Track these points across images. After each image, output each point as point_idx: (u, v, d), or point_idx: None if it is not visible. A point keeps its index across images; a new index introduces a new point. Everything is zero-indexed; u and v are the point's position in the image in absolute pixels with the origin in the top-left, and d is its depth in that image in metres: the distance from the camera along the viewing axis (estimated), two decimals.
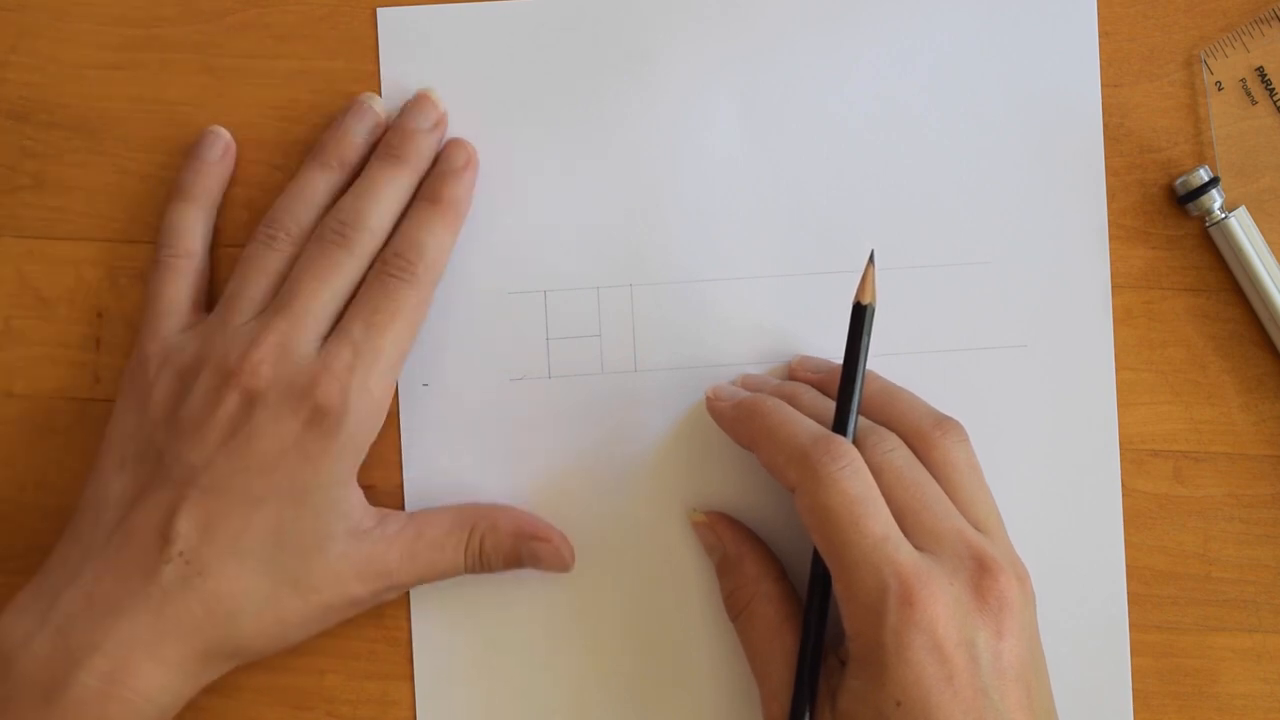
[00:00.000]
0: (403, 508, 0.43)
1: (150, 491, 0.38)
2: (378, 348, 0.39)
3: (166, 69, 0.44)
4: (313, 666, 0.43)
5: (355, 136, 0.42)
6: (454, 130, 0.43)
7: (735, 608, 0.40)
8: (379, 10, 0.43)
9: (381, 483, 0.43)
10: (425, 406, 0.43)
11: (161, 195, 0.44)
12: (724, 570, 0.41)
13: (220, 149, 0.43)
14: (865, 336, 0.38)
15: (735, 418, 0.40)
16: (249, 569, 0.38)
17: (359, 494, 0.41)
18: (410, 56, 0.43)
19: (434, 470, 0.43)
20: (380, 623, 0.43)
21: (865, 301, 0.38)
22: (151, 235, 0.43)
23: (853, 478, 0.35)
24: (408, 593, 0.43)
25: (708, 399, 0.41)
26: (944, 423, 0.38)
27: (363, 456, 0.40)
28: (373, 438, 0.40)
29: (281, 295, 0.40)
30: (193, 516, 0.38)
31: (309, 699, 0.43)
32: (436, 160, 0.42)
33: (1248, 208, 0.42)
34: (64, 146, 0.44)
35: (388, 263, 0.40)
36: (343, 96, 0.43)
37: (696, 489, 0.43)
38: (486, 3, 0.43)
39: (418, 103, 0.42)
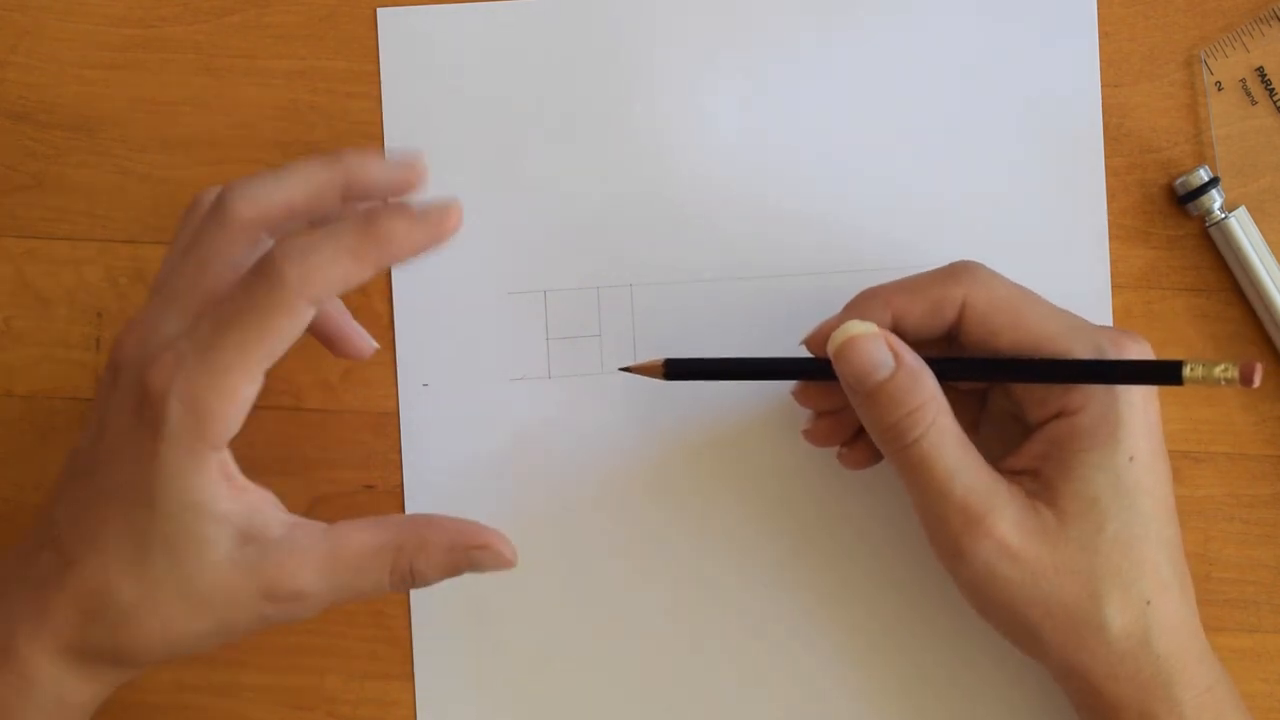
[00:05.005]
0: (402, 508, 0.43)
1: (59, 479, 0.37)
2: (215, 348, 0.34)
3: (166, 69, 0.44)
4: (313, 666, 0.43)
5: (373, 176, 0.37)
6: (454, 129, 0.43)
7: (913, 429, 0.36)
8: (379, 10, 0.43)
9: (381, 483, 0.43)
10: (425, 406, 0.43)
11: (162, 195, 0.43)
12: (894, 391, 0.36)
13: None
14: None
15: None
16: (114, 570, 0.35)
17: (249, 496, 0.36)
18: (410, 56, 0.43)
19: (434, 470, 0.43)
20: (380, 623, 0.43)
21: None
22: (152, 235, 0.43)
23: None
24: (408, 593, 0.43)
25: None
26: None
27: (211, 458, 0.35)
28: (211, 443, 0.34)
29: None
30: (65, 505, 0.36)
31: (309, 699, 0.43)
32: (425, 209, 0.35)
33: (1248, 208, 0.42)
34: (64, 146, 0.44)
35: (263, 259, 0.34)
36: (343, 96, 0.43)
37: (697, 488, 0.43)
38: (486, 3, 0.43)
39: (402, 156, 0.37)
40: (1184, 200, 0.42)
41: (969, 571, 0.36)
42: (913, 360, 0.36)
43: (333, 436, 0.43)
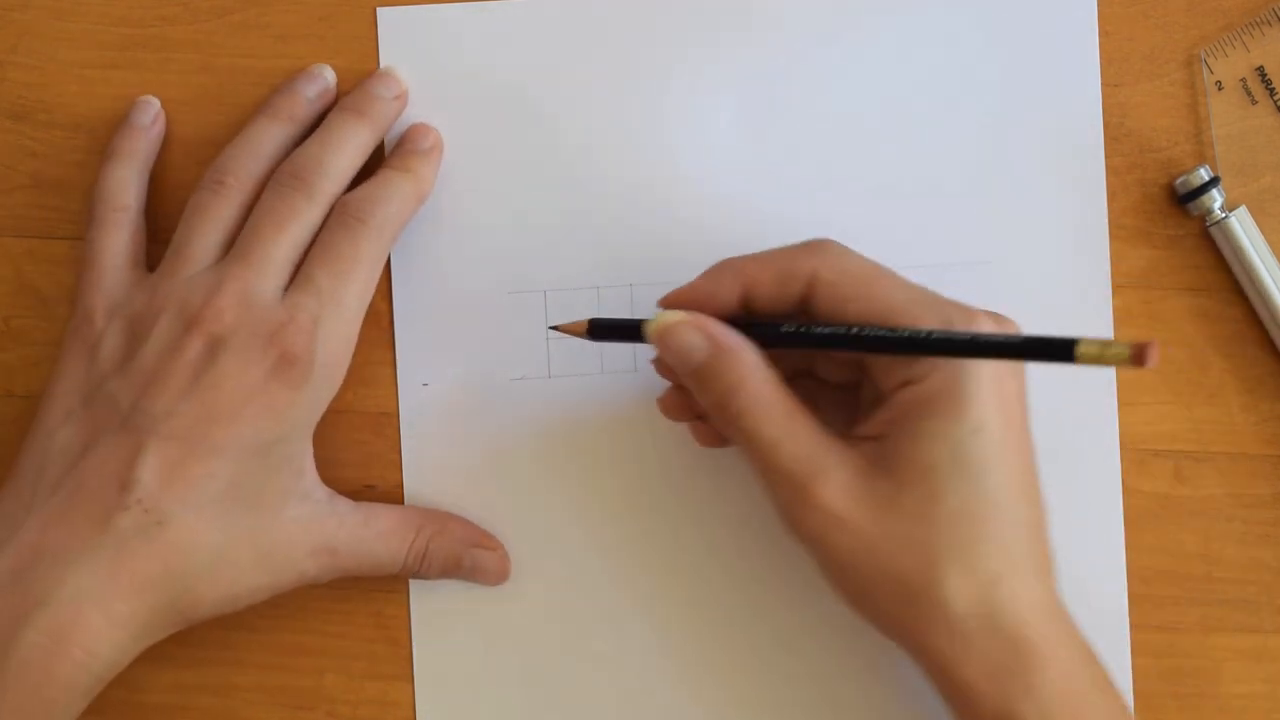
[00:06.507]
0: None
1: (104, 439, 0.37)
2: (342, 299, 0.39)
3: (166, 69, 0.44)
4: (313, 666, 0.43)
5: (305, 94, 0.42)
6: (453, 129, 0.43)
7: (736, 404, 0.36)
8: (379, 10, 0.43)
9: (381, 483, 0.43)
10: (425, 406, 0.43)
11: (161, 195, 0.44)
12: (711, 370, 0.37)
13: (151, 116, 0.43)
14: None
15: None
16: (205, 522, 0.37)
17: (312, 458, 0.40)
18: (410, 56, 0.43)
19: (434, 470, 0.43)
20: (380, 623, 0.43)
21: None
22: (152, 235, 0.43)
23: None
24: (408, 593, 0.43)
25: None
26: None
27: (321, 413, 0.40)
28: (334, 392, 0.40)
29: (240, 243, 0.39)
30: (153, 464, 0.37)
31: (309, 699, 0.43)
32: (402, 140, 0.42)
33: (1248, 207, 0.42)
34: (64, 146, 0.44)
35: (348, 209, 0.40)
36: (343, 96, 0.43)
37: (696, 488, 0.43)
38: (486, 3, 0.43)
39: (381, 75, 0.43)
40: (1184, 200, 0.42)
41: (805, 544, 0.36)
42: (726, 339, 0.37)
43: (333, 436, 0.43)
